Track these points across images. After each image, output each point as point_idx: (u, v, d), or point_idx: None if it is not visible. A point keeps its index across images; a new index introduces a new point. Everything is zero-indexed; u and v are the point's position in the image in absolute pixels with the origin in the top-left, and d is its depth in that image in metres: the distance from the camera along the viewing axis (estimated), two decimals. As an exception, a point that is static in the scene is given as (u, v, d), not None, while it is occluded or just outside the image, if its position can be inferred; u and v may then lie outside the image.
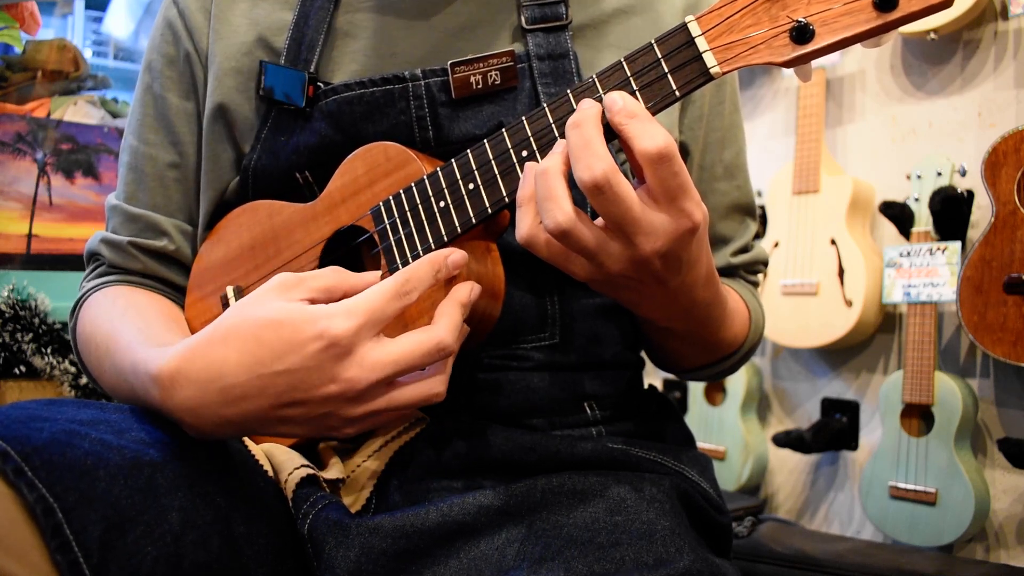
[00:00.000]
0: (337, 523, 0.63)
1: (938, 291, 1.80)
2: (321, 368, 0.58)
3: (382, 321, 0.60)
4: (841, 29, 0.54)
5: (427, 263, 0.63)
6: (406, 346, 0.60)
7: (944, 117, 1.97)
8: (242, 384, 0.58)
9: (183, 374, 0.60)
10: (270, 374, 0.58)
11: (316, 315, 0.59)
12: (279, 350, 0.58)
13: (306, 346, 0.58)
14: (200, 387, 0.59)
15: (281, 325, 0.59)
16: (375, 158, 0.72)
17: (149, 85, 0.87)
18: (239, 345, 0.59)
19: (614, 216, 0.57)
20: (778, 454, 2.28)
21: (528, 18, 0.78)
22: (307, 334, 0.58)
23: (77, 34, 2.64)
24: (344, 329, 0.58)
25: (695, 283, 0.64)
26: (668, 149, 0.55)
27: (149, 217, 0.85)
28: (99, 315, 0.79)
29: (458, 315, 0.63)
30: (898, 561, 1.38)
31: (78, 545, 0.53)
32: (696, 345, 0.81)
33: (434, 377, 0.62)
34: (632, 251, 0.58)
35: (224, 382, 0.59)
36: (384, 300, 0.60)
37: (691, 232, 0.58)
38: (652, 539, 0.61)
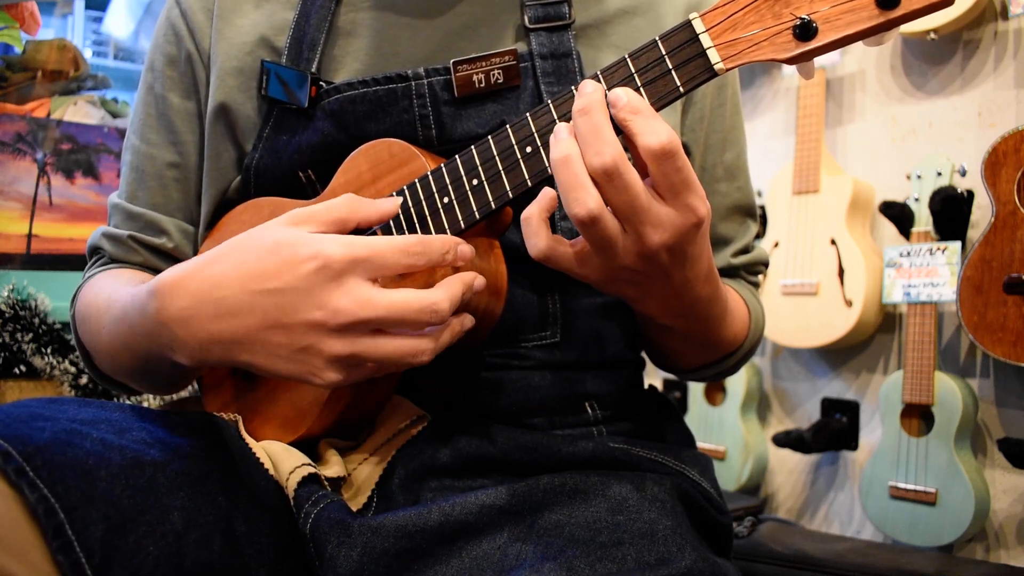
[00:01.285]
0: (339, 522, 0.63)
1: (938, 291, 1.80)
2: (310, 291, 0.59)
3: (380, 267, 0.60)
4: (844, 26, 0.54)
5: (440, 239, 0.63)
6: (398, 297, 0.60)
7: (944, 117, 1.97)
8: (234, 297, 0.60)
9: (181, 285, 0.61)
10: (261, 291, 0.59)
11: (316, 239, 0.60)
12: (274, 269, 0.59)
13: (300, 266, 0.59)
14: (195, 297, 0.61)
15: (281, 245, 0.60)
16: (379, 154, 0.72)
17: (151, 85, 0.87)
18: (239, 261, 0.61)
19: (623, 205, 0.57)
20: (778, 454, 2.28)
21: (531, 17, 0.78)
22: (303, 255, 0.59)
23: (77, 34, 2.64)
24: (340, 254, 0.59)
25: (697, 278, 0.65)
26: (672, 145, 0.56)
27: (149, 216, 0.86)
28: (100, 285, 0.80)
29: (458, 289, 0.63)
30: (898, 561, 1.38)
31: (80, 545, 0.53)
32: (697, 344, 0.81)
33: (422, 338, 0.62)
34: (640, 244, 0.59)
35: (218, 294, 0.60)
36: (388, 248, 0.60)
37: (696, 226, 0.58)
38: (654, 538, 0.61)
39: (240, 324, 0.60)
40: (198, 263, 0.62)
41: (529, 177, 0.64)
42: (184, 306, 0.61)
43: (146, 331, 0.64)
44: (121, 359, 0.73)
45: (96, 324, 0.77)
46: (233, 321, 0.60)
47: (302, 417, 0.72)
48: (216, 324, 0.60)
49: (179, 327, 0.61)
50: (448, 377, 0.76)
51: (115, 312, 0.71)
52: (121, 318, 0.69)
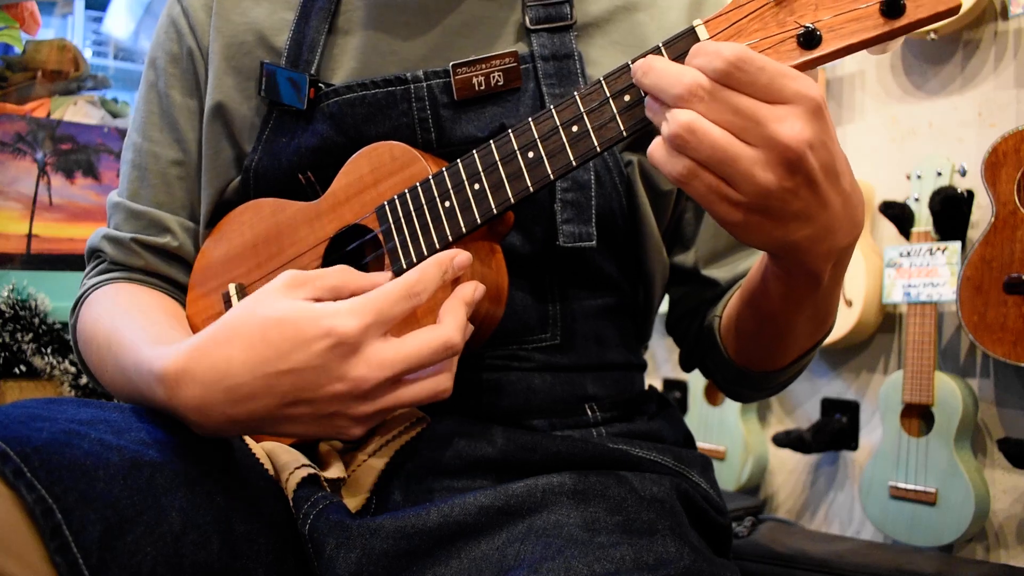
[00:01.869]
0: (338, 524, 0.63)
1: (938, 291, 1.80)
2: (327, 367, 0.58)
3: (389, 321, 0.60)
4: (848, 35, 0.54)
5: (434, 264, 0.63)
6: (413, 345, 0.60)
7: (944, 117, 1.97)
8: (248, 384, 0.58)
9: (188, 373, 0.59)
10: (276, 373, 0.58)
11: (322, 313, 0.58)
12: (285, 349, 0.58)
13: (312, 344, 0.58)
14: (206, 386, 0.59)
15: (287, 323, 0.58)
16: (380, 157, 0.72)
17: (153, 82, 0.87)
18: (245, 344, 0.59)
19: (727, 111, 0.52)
20: (778, 454, 2.28)
21: (532, 18, 0.78)
22: (313, 332, 0.58)
23: (77, 34, 2.64)
24: (351, 328, 0.58)
25: (852, 193, 0.58)
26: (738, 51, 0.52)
27: (152, 214, 0.85)
28: (101, 313, 0.79)
29: (463, 314, 0.63)
30: (898, 561, 1.38)
31: (77, 546, 0.52)
32: (821, 312, 0.71)
33: (441, 375, 0.62)
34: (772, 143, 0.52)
35: (230, 381, 0.58)
36: (392, 300, 0.60)
37: (819, 108, 0.52)
38: (652, 539, 0.61)
39: (259, 405, 0.59)
40: (200, 345, 0.60)
41: (532, 183, 0.63)
42: (194, 395, 0.59)
43: (157, 406, 0.63)
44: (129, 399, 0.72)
45: (98, 358, 0.76)
46: (251, 404, 0.59)
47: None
48: (233, 408, 0.59)
49: (193, 414, 0.60)
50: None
51: (119, 363, 0.71)
52: (125, 378, 0.69)
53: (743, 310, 0.75)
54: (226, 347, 0.59)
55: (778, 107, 0.52)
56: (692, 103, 0.52)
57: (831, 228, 0.57)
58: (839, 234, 0.58)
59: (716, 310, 0.83)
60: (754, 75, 0.52)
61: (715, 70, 0.52)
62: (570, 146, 0.62)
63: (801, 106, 0.52)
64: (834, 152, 0.54)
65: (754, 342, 0.77)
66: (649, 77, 0.54)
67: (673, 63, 0.54)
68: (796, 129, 0.52)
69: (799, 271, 0.62)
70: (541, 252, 0.76)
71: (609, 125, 0.60)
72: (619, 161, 0.78)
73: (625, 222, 0.79)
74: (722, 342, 0.81)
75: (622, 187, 0.78)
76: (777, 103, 0.52)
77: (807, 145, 0.52)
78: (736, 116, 0.52)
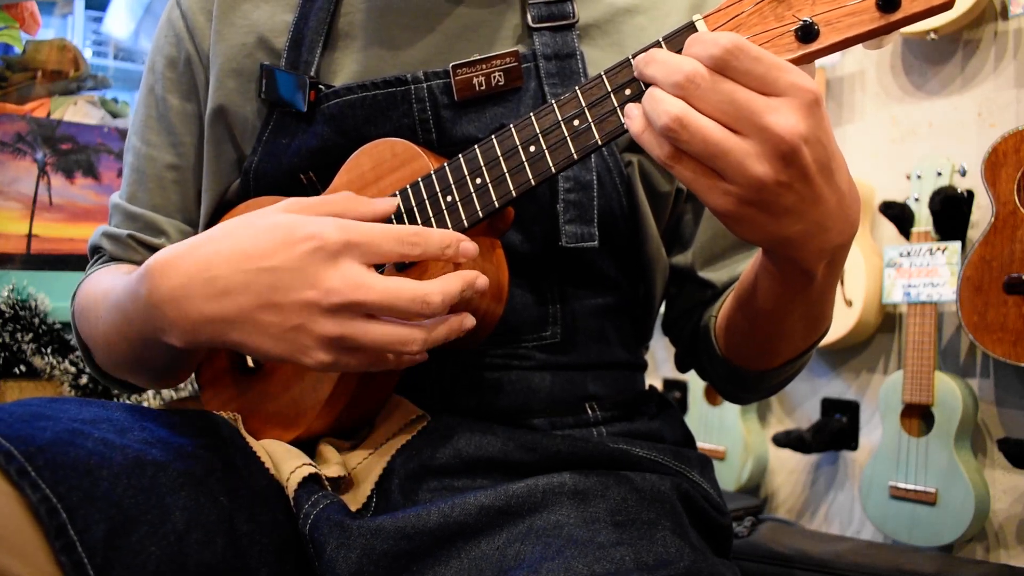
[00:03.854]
0: (338, 524, 0.63)
1: (938, 291, 1.80)
2: (304, 270, 0.59)
3: (375, 253, 0.60)
4: (845, 29, 0.55)
5: (440, 232, 0.63)
6: (391, 284, 0.60)
7: (944, 117, 1.97)
8: (227, 276, 0.60)
9: (172, 265, 0.62)
10: (255, 270, 0.60)
11: (313, 221, 0.60)
12: (270, 248, 0.60)
13: (295, 246, 0.59)
14: (187, 276, 0.61)
15: (277, 227, 0.61)
16: (381, 154, 0.72)
17: (152, 86, 0.88)
18: (232, 242, 0.61)
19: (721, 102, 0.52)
20: (778, 454, 2.28)
21: (535, 16, 0.78)
22: (299, 235, 0.60)
23: (77, 34, 2.64)
24: (335, 237, 0.59)
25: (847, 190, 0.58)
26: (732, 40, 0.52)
27: (148, 216, 0.86)
28: (97, 280, 0.80)
29: (455, 285, 0.62)
30: (898, 561, 1.38)
31: (82, 545, 0.53)
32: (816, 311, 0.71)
33: (413, 328, 0.61)
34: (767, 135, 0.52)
35: (210, 272, 0.60)
36: (384, 235, 0.61)
37: (815, 102, 0.52)
38: (652, 539, 0.61)
39: (232, 303, 0.60)
40: (191, 243, 0.63)
41: (533, 177, 0.64)
42: (175, 286, 0.61)
43: (139, 315, 0.64)
44: (118, 349, 0.73)
45: (94, 315, 0.77)
46: (225, 300, 0.60)
47: (302, 416, 0.72)
48: (208, 304, 0.60)
49: (170, 308, 0.61)
50: (448, 377, 0.76)
51: (111, 300, 0.71)
52: (116, 305, 0.70)
53: (738, 308, 0.75)
54: (214, 243, 0.62)
55: (773, 99, 0.52)
56: (689, 91, 0.53)
57: (824, 225, 0.57)
58: (832, 232, 0.58)
59: (712, 310, 0.83)
60: (749, 64, 0.52)
61: (711, 56, 0.52)
62: (571, 140, 0.62)
63: (797, 99, 0.52)
64: (830, 148, 0.54)
65: (748, 340, 0.76)
66: (650, 68, 0.55)
67: (674, 54, 0.55)
68: (791, 121, 0.52)
69: (792, 268, 0.62)
70: (542, 252, 0.76)
71: (610, 119, 0.60)
72: (619, 162, 0.78)
73: (626, 222, 0.79)
74: (716, 341, 0.81)
75: (622, 188, 0.78)
76: (772, 95, 0.52)
77: (801, 138, 0.52)
78: (731, 105, 0.52)
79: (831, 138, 0.55)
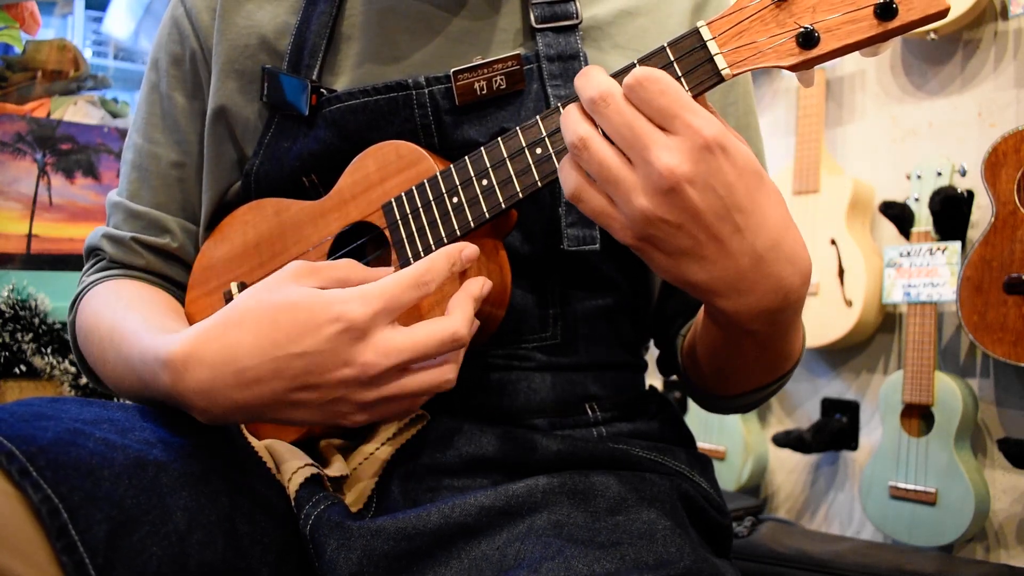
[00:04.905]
0: (339, 525, 0.63)
1: (938, 291, 1.81)
2: (336, 352, 0.58)
3: (398, 309, 0.60)
4: (844, 36, 0.56)
5: (443, 256, 0.64)
6: (421, 334, 0.60)
7: (944, 117, 1.97)
8: (256, 367, 0.59)
9: (196, 357, 0.60)
10: (285, 356, 0.58)
11: (333, 299, 0.59)
12: (295, 333, 0.58)
13: (322, 329, 0.58)
14: (214, 370, 0.59)
15: (297, 308, 0.59)
16: (386, 156, 0.72)
17: (155, 83, 0.87)
18: (254, 328, 0.59)
19: (620, 127, 0.55)
20: (778, 454, 2.28)
21: (538, 16, 0.78)
22: (324, 317, 0.58)
23: (77, 34, 2.64)
24: (361, 313, 0.58)
25: (769, 248, 0.57)
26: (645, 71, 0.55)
27: (152, 215, 0.85)
28: (102, 306, 0.79)
29: (471, 308, 0.63)
30: (898, 561, 1.38)
31: (83, 545, 0.53)
32: (769, 356, 0.72)
33: (446, 366, 0.62)
34: (650, 170, 0.54)
35: (238, 364, 0.59)
36: (401, 289, 0.61)
37: (706, 148, 0.53)
38: (653, 539, 0.61)
39: (266, 389, 0.59)
40: (207, 330, 0.61)
41: (540, 179, 0.64)
42: (202, 379, 0.59)
43: (161, 394, 0.63)
44: (129, 393, 0.73)
45: (99, 350, 0.76)
46: (258, 387, 0.59)
47: (303, 417, 0.72)
48: (240, 392, 0.59)
49: (198, 398, 0.60)
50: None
51: (122, 354, 0.70)
52: (129, 367, 0.69)
53: (696, 339, 0.77)
54: (235, 331, 0.60)
55: (668, 136, 0.54)
56: (598, 108, 0.55)
57: (737, 286, 0.57)
58: (753, 295, 0.58)
59: (682, 330, 0.85)
60: (654, 96, 0.54)
61: (625, 83, 0.55)
62: None
63: (688, 141, 0.54)
64: (730, 200, 0.55)
65: (704, 370, 0.78)
66: (578, 80, 0.57)
67: (601, 72, 0.57)
68: (674, 160, 0.53)
69: (724, 319, 0.62)
70: (544, 254, 0.76)
71: None
72: None
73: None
74: (682, 363, 0.84)
75: None
76: (670, 132, 0.54)
77: (684, 179, 0.53)
78: (629, 131, 0.54)
79: (735, 191, 0.55)
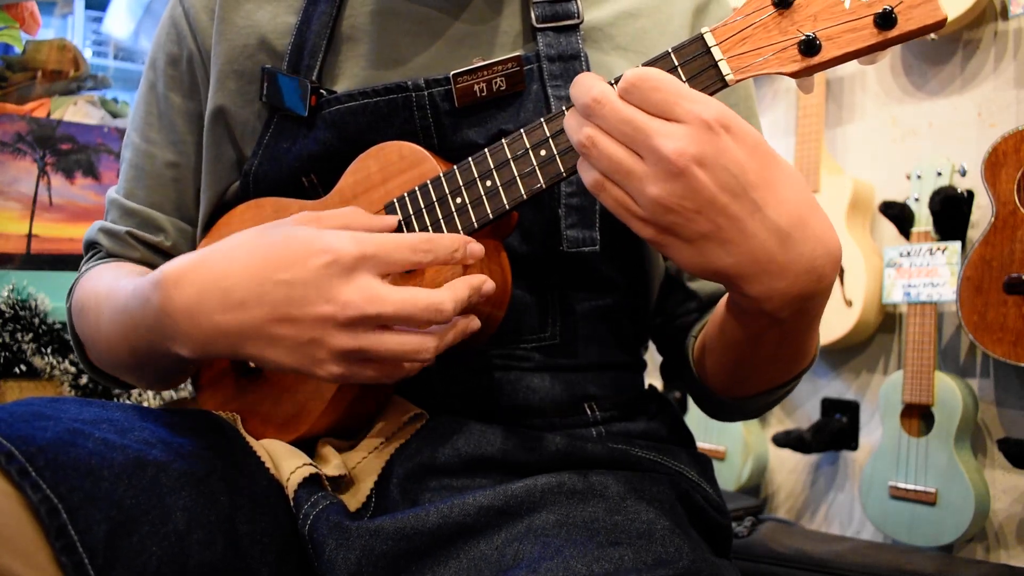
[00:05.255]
0: (337, 524, 0.63)
1: (938, 291, 1.80)
2: (319, 284, 0.59)
3: (388, 264, 0.61)
4: (845, 44, 0.58)
5: (449, 237, 0.64)
6: (406, 294, 0.60)
7: (944, 117, 1.97)
8: (242, 288, 0.60)
9: (186, 276, 0.62)
10: (271, 282, 0.60)
11: (327, 235, 0.61)
12: (284, 261, 0.60)
13: (311, 259, 0.59)
14: (201, 288, 0.61)
15: (291, 240, 0.61)
16: (388, 156, 0.73)
17: (153, 83, 0.87)
18: (247, 255, 0.61)
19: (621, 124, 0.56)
20: (778, 454, 2.28)
21: (539, 16, 0.78)
22: (314, 248, 0.60)
23: (77, 34, 2.64)
24: (350, 250, 0.60)
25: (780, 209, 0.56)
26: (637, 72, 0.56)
27: (146, 213, 0.86)
28: (97, 276, 0.80)
29: (464, 291, 0.63)
30: (898, 561, 1.38)
31: (83, 546, 0.53)
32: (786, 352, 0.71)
33: (426, 336, 0.62)
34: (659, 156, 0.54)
35: (225, 283, 0.60)
36: (396, 244, 0.61)
37: (709, 128, 0.54)
38: (652, 539, 0.61)
39: (247, 316, 0.60)
40: (204, 254, 0.63)
41: (544, 180, 0.65)
42: (189, 296, 0.61)
43: (148, 322, 0.64)
44: (118, 351, 0.73)
45: (94, 314, 0.76)
46: (240, 313, 0.60)
47: (304, 417, 0.72)
48: (223, 315, 0.60)
49: (184, 319, 0.61)
50: (448, 378, 0.76)
51: (116, 302, 0.71)
52: (122, 308, 0.69)
53: (711, 336, 0.75)
54: (229, 254, 0.62)
55: (669, 123, 0.55)
56: (594, 111, 0.56)
57: (767, 267, 0.56)
58: (784, 279, 0.57)
59: (694, 330, 0.83)
60: (649, 93, 0.55)
61: (619, 88, 0.56)
62: None
63: (691, 124, 0.54)
64: (744, 178, 0.55)
65: (720, 369, 0.76)
66: (572, 88, 0.58)
67: (595, 78, 0.58)
68: (680, 144, 0.54)
69: (752, 308, 0.60)
70: (543, 255, 0.76)
71: None
72: None
73: (626, 226, 0.79)
74: (693, 363, 0.82)
75: None
76: (672, 121, 0.55)
77: (692, 160, 0.54)
78: (629, 126, 0.55)
79: (746, 168, 0.55)
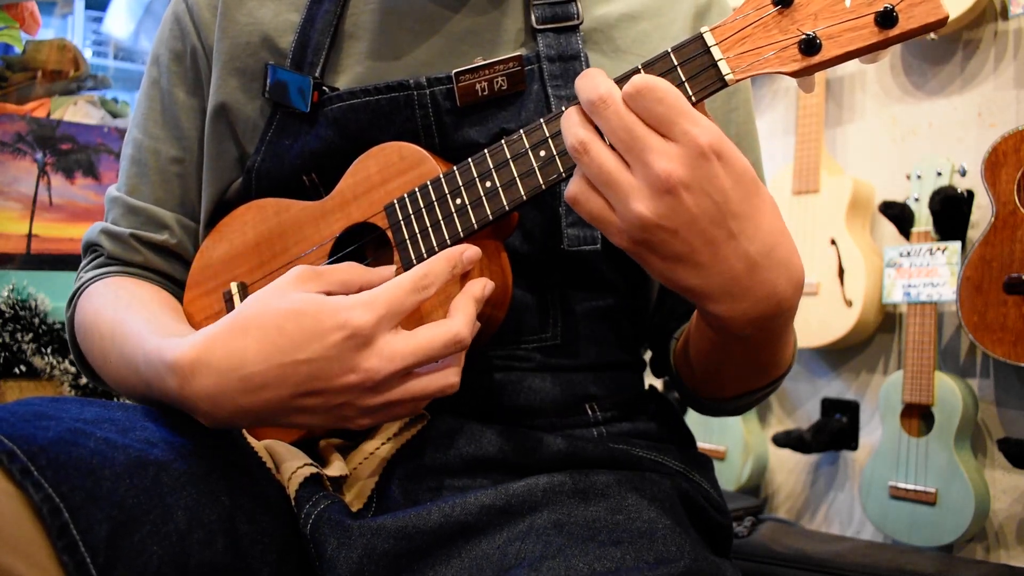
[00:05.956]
0: (339, 524, 0.63)
1: (938, 291, 1.81)
2: (341, 358, 0.59)
3: (400, 313, 0.61)
4: (845, 43, 0.57)
5: (444, 259, 0.64)
6: (424, 338, 0.61)
7: (944, 117, 1.97)
8: (262, 373, 0.59)
9: (202, 362, 0.60)
10: (291, 363, 0.59)
11: (337, 306, 0.60)
12: (301, 340, 0.59)
13: (328, 336, 0.59)
14: (220, 375, 0.60)
15: (303, 315, 0.60)
16: (388, 157, 0.73)
17: (156, 79, 0.87)
18: (260, 334, 0.60)
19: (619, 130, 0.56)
20: (778, 454, 2.28)
21: (539, 17, 0.78)
22: (329, 324, 0.59)
23: (77, 34, 2.64)
24: (365, 320, 0.59)
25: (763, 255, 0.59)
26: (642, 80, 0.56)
27: (151, 210, 0.85)
28: (102, 305, 0.79)
29: (472, 310, 0.64)
30: (898, 561, 1.39)
31: (84, 545, 0.53)
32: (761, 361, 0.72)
33: (449, 369, 0.63)
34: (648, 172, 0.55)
35: (245, 371, 0.59)
36: (403, 293, 0.61)
37: (702, 155, 0.55)
38: (652, 538, 0.61)
39: (272, 395, 0.60)
40: (214, 335, 0.61)
41: (544, 180, 0.65)
42: (208, 384, 0.60)
43: (168, 396, 0.64)
44: (131, 391, 0.73)
45: (100, 351, 0.76)
46: (264, 393, 0.60)
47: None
48: (246, 398, 0.60)
49: (205, 403, 0.61)
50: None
51: (127, 357, 0.71)
52: (134, 370, 0.69)
53: (689, 341, 0.78)
54: (242, 337, 0.60)
55: (666, 142, 0.56)
56: (598, 110, 0.57)
57: (731, 290, 0.59)
58: (746, 301, 0.60)
59: (676, 333, 0.86)
60: (652, 104, 0.56)
61: (624, 91, 0.57)
62: None
63: (685, 147, 0.55)
64: (726, 207, 0.56)
65: (695, 371, 0.79)
66: (579, 81, 0.58)
67: (602, 75, 0.58)
68: (671, 165, 0.55)
69: (717, 324, 0.64)
70: (543, 254, 0.76)
71: None
72: None
73: None
74: (674, 363, 0.85)
75: None
76: (668, 138, 0.56)
77: (679, 183, 0.55)
78: (627, 134, 0.56)
79: (730, 197, 0.57)
